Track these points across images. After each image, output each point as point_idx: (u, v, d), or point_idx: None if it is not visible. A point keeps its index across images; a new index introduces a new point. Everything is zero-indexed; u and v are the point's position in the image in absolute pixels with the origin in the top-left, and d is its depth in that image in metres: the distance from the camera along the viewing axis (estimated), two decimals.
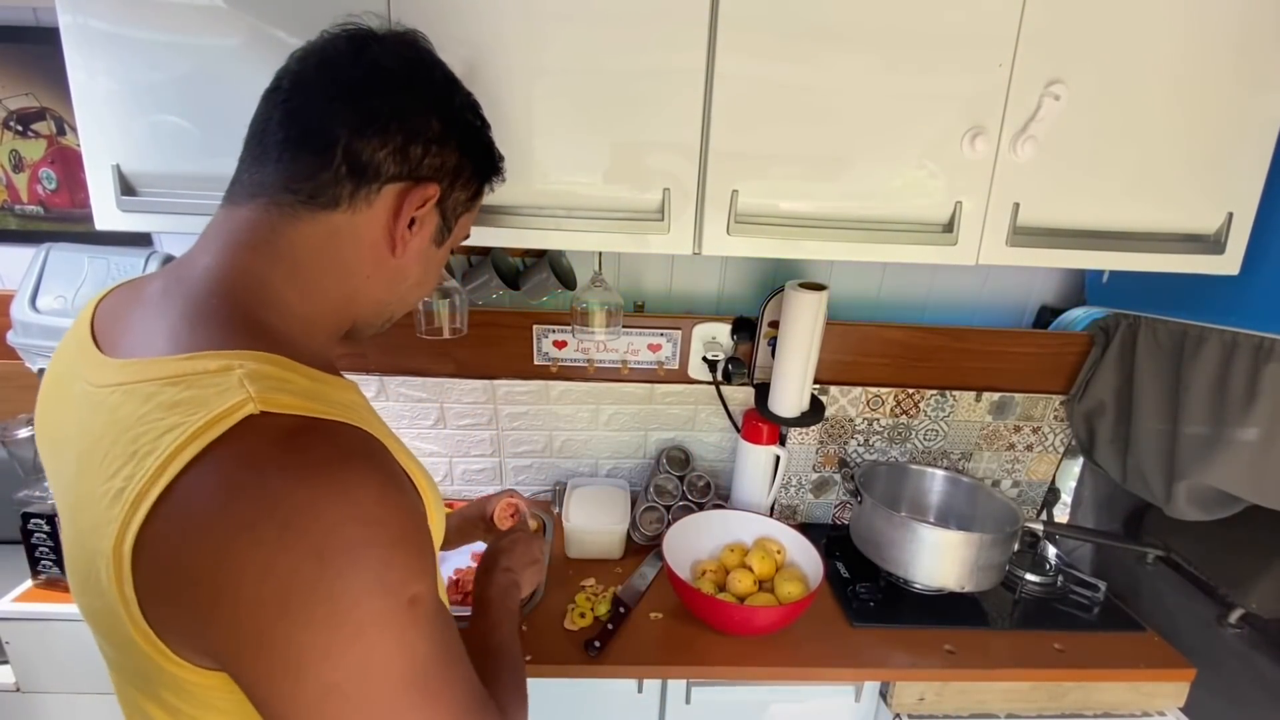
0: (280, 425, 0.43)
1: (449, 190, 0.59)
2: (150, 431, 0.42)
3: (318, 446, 0.44)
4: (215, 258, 0.52)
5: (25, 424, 1.11)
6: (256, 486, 0.41)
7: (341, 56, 0.54)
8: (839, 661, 1.07)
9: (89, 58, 0.83)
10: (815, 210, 0.92)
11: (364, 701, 0.43)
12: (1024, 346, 1.36)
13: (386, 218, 0.55)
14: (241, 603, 0.40)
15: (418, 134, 0.55)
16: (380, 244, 0.56)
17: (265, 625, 0.40)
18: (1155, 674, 1.11)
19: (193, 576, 0.41)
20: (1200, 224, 0.96)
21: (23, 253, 1.24)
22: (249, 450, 0.42)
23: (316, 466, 0.43)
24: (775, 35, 0.84)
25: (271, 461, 0.42)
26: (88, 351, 0.50)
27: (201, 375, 0.44)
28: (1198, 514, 1.16)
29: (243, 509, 0.40)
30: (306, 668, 0.41)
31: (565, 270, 1.28)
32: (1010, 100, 0.88)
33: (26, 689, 1.12)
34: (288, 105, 0.53)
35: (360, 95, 0.53)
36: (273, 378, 0.46)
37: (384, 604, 0.43)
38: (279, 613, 0.40)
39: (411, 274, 0.61)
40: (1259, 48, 0.88)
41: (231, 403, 0.42)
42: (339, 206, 0.53)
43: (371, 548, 0.43)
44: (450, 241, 0.63)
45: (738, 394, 1.41)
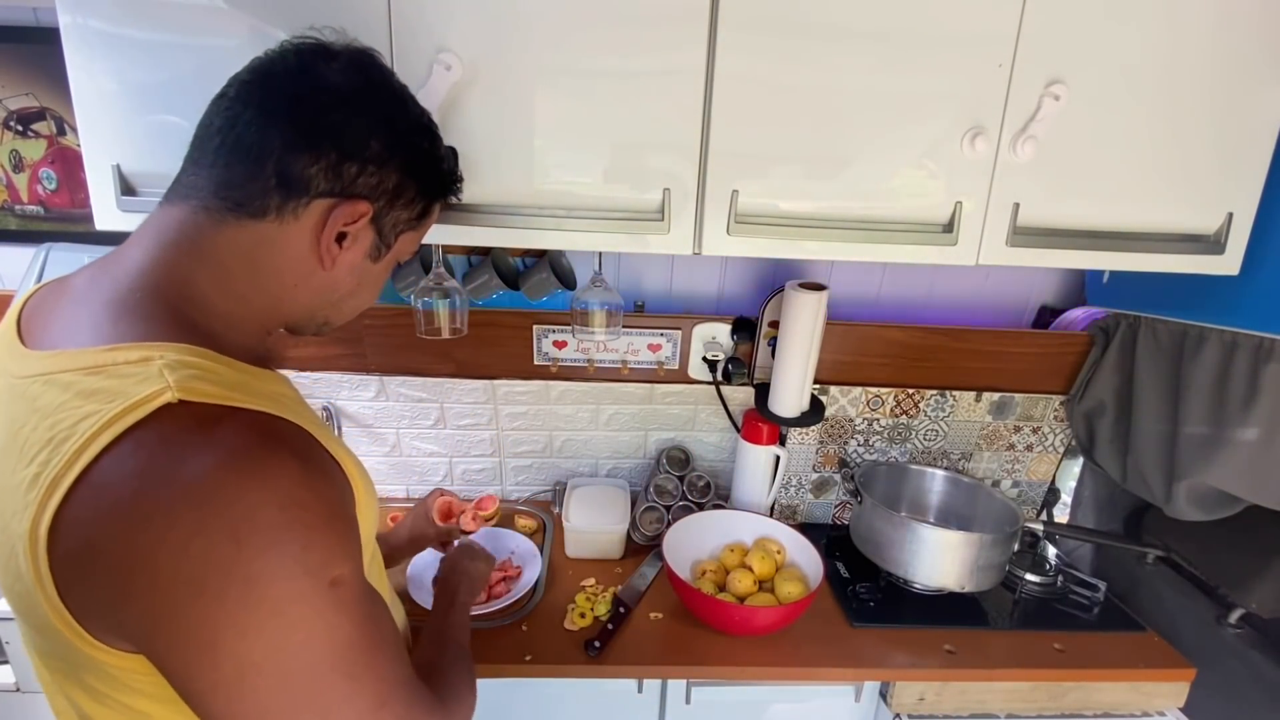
0: (198, 413, 0.44)
1: (386, 209, 0.58)
2: (68, 419, 0.43)
3: (237, 433, 0.44)
4: (144, 254, 0.52)
5: None
6: (172, 470, 0.42)
7: (288, 71, 0.55)
8: (839, 661, 1.07)
9: (89, 58, 0.83)
10: (815, 210, 0.92)
11: (284, 679, 0.44)
12: (1024, 346, 1.36)
13: (313, 231, 0.55)
14: (157, 584, 0.41)
15: (354, 153, 0.55)
16: (308, 256, 0.56)
17: (180, 605, 0.41)
18: (1155, 674, 1.11)
19: (108, 559, 0.41)
20: (1200, 224, 0.96)
21: (23, 253, 1.24)
22: (165, 435, 0.43)
23: (234, 451, 0.43)
24: (775, 35, 0.84)
25: (188, 446, 0.43)
26: (12, 346, 0.51)
27: (121, 365, 0.45)
28: (1198, 514, 1.16)
29: (158, 492, 0.41)
30: (222, 646, 0.42)
31: (565, 270, 1.28)
32: (1010, 100, 0.88)
33: (26, 689, 1.12)
34: (229, 113, 0.54)
35: (297, 111, 0.53)
36: (194, 367, 0.47)
37: (304, 584, 0.44)
38: (194, 592, 0.41)
39: (342, 286, 0.60)
40: (1259, 47, 0.88)
41: (149, 391, 0.43)
42: (266, 217, 0.53)
43: (290, 529, 0.43)
44: (390, 257, 0.63)
45: (738, 394, 1.41)
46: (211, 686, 0.43)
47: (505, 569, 1.20)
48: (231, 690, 0.43)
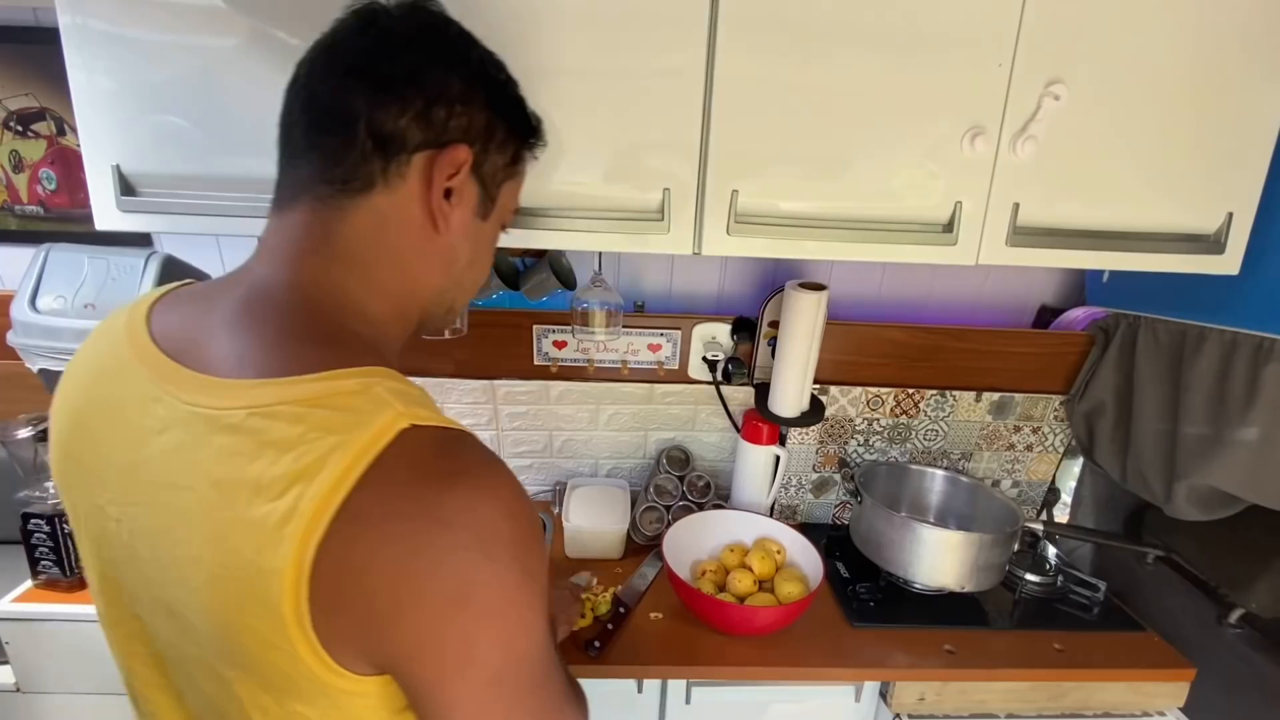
0: (428, 437, 0.45)
1: (483, 154, 0.56)
2: (312, 452, 0.42)
3: (464, 453, 0.46)
4: (289, 271, 0.51)
5: (25, 424, 1.11)
6: (423, 494, 0.43)
7: (349, 31, 0.53)
8: (839, 661, 1.07)
9: (89, 58, 0.83)
10: (815, 210, 0.92)
11: (516, 684, 0.46)
12: (1024, 346, 1.36)
13: (421, 191, 0.53)
14: (422, 604, 0.42)
15: (439, 95, 0.52)
16: (422, 222, 0.54)
17: (444, 622, 0.43)
18: (1155, 674, 1.11)
19: (372, 585, 0.42)
20: (1200, 224, 0.96)
21: (23, 253, 1.24)
22: (411, 461, 0.43)
23: (469, 472, 0.45)
24: (775, 35, 0.84)
25: (434, 470, 0.44)
26: (164, 367, 0.48)
27: (346, 395, 0.45)
28: (1198, 514, 1.16)
29: (414, 516, 0.42)
30: (479, 658, 0.44)
31: (565, 270, 1.28)
32: (1010, 100, 0.88)
33: (26, 689, 1.12)
34: (306, 92, 0.52)
35: (372, 64, 0.51)
36: (401, 393, 0.47)
37: (533, 591, 0.46)
38: (457, 608, 0.43)
39: (462, 253, 0.58)
40: (1259, 47, 0.88)
41: (385, 419, 0.44)
42: (375, 186, 0.51)
43: (520, 541, 0.45)
44: (497, 214, 0.60)
45: (738, 394, 1.41)
46: (461, 698, 0.44)
47: None
48: (478, 700, 0.45)
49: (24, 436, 1.11)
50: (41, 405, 1.18)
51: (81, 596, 1.09)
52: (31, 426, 1.11)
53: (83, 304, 1.09)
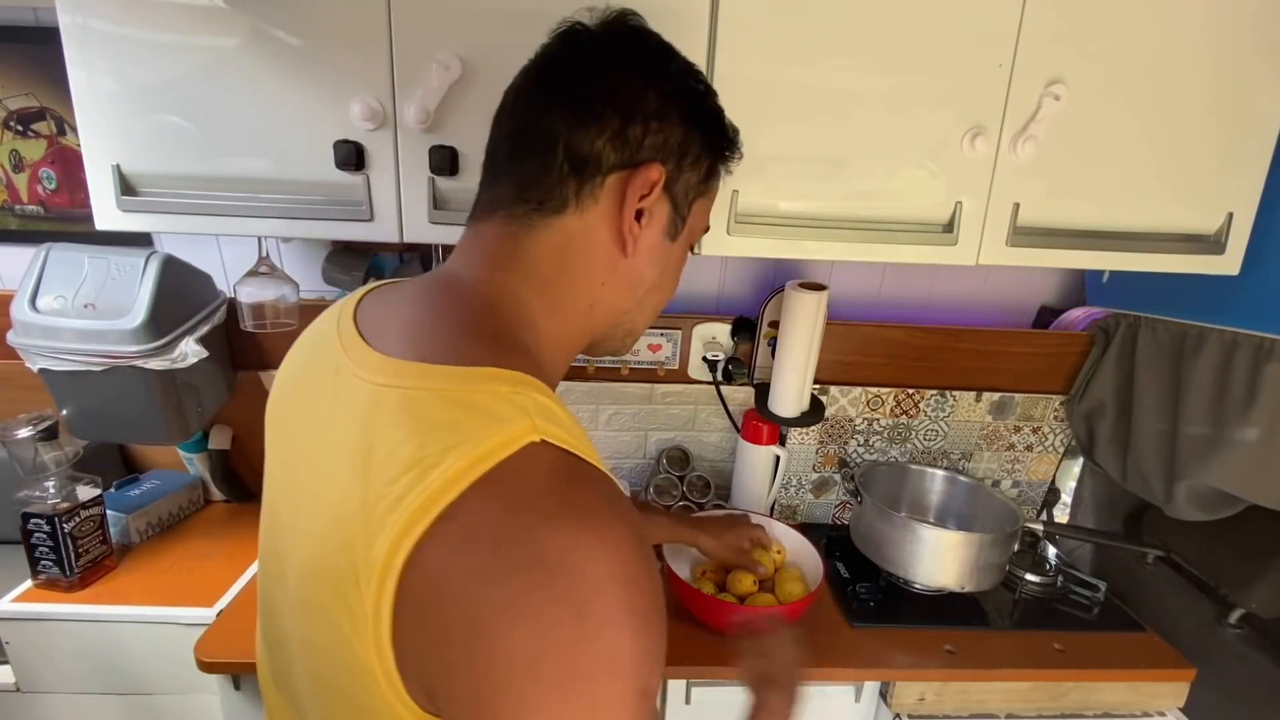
0: (554, 460, 0.42)
1: (676, 171, 0.54)
2: (435, 444, 0.40)
3: (587, 491, 0.42)
4: (476, 272, 0.52)
5: (25, 424, 1.11)
6: (533, 525, 0.39)
7: (554, 56, 0.54)
8: (839, 661, 1.07)
9: (89, 58, 0.83)
10: (815, 210, 0.92)
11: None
12: (1024, 346, 1.36)
13: (613, 212, 0.52)
14: (496, 651, 0.37)
15: (634, 112, 0.51)
16: (611, 244, 0.53)
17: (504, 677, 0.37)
18: (1155, 674, 1.11)
19: (452, 605, 0.38)
20: (1200, 224, 0.96)
21: (23, 253, 1.24)
22: (529, 482, 0.40)
23: (587, 515, 0.40)
24: (775, 36, 0.84)
25: (550, 500, 0.40)
26: (353, 343, 0.49)
27: (489, 395, 0.43)
28: (1198, 514, 1.16)
29: (515, 545, 0.38)
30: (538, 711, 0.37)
31: None
32: (1010, 100, 0.88)
33: (26, 689, 1.12)
34: (512, 118, 0.53)
35: (572, 87, 0.51)
36: (544, 407, 0.44)
37: (621, 686, 0.39)
38: (526, 670, 0.37)
39: (647, 275, 0.56)
40: (1259, 47, 0.88)
41: (518, 429, 0.41)
42: (568, 208, 0.51)
43: (629, 617, 0.39)
44: (686, 234, 0.57)
45: (738, 394, 1.41)
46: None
47: None
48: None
49: (24, 436, 1.11)
50: (41, 405, 1.18)
51: (81, 596, 1.09)
52: (31, 426, 1.11)
53: (83, 304, 1.09)
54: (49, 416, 1.14)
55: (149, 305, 1.07)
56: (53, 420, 1.13)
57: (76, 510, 1.08)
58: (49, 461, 1.12)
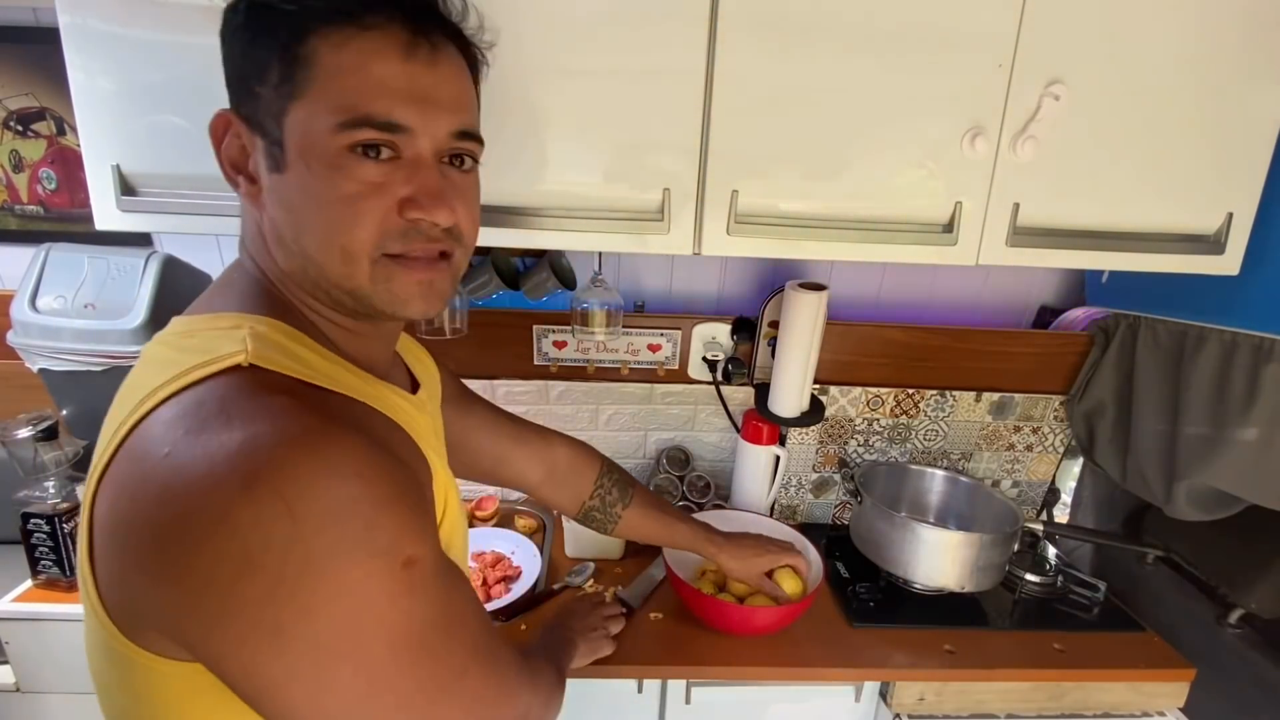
0: (266, 380, 0.42)
1: (242, 96, 0.48)
2: (151, 377, 0.43)
3: (299, 405, 0.41)
4: (240, 250, 0.55)
5: (25, 424, 1.11)
6: (222, 433, 0.38)
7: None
8: (839, 661, 1.07)
9: (89, 58, 0.83)
10: (815, 210, 0.92)
11: (361, 662, 0.40)
12: (1024, 346, 1.36)
13: (219, 164, 0.52)
14: (201, 562, 0.36)
15: (229, 80, 0.52)
16: (245, 198, 0.51)
17: (231, 588, 0.37)
18: (1155, 674, 1.11)
19: (141, 522, 0.38)
20: (1200, 224, 0.96)
21: (23, 253, 1.24)
22: (223, 395, 0.40)
23: (295, 420, 0.40)
24: (775, 35, 0.84)
25: (246, 411, 0.39)
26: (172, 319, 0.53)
27: (212, 330, 0.46)
28: (1198, 514, 1.16)
29: (204, 456, 0.37)
30: (287, 630, 0.38)
31: (565, 270, 1.28)
32: (1010, 100, 0.88)
33: (26, 689, 1.12)
34: None
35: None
36: (278, 343, 0.46)
37: (372, 565, 0.40)
38: (247, 574, 0.36)
39: (284, 223, 0.49)
40: (1259, 47, 0.88)
41: (220, 355, 0.43)
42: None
43: (356, 504, 0.39)
44: (295, 152, 0.47)
45: (738, 394, 1.41)
46: (283, 678, 0.39)
47: (505, 569, 1.20)
48: (308, 678, 0.39)
49: (24, 436, 1.11)
50: (41, 405, 1.18)
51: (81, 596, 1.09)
52: (31, 426, 1.11)
53: (83, 304, 1.09)
54: (49, 416, 1.14)
55: (149, 305, 1.07)
56: (53, 420, 1.13)
57: (76, 510, 1.08)
58: (49, 461, 1.12)
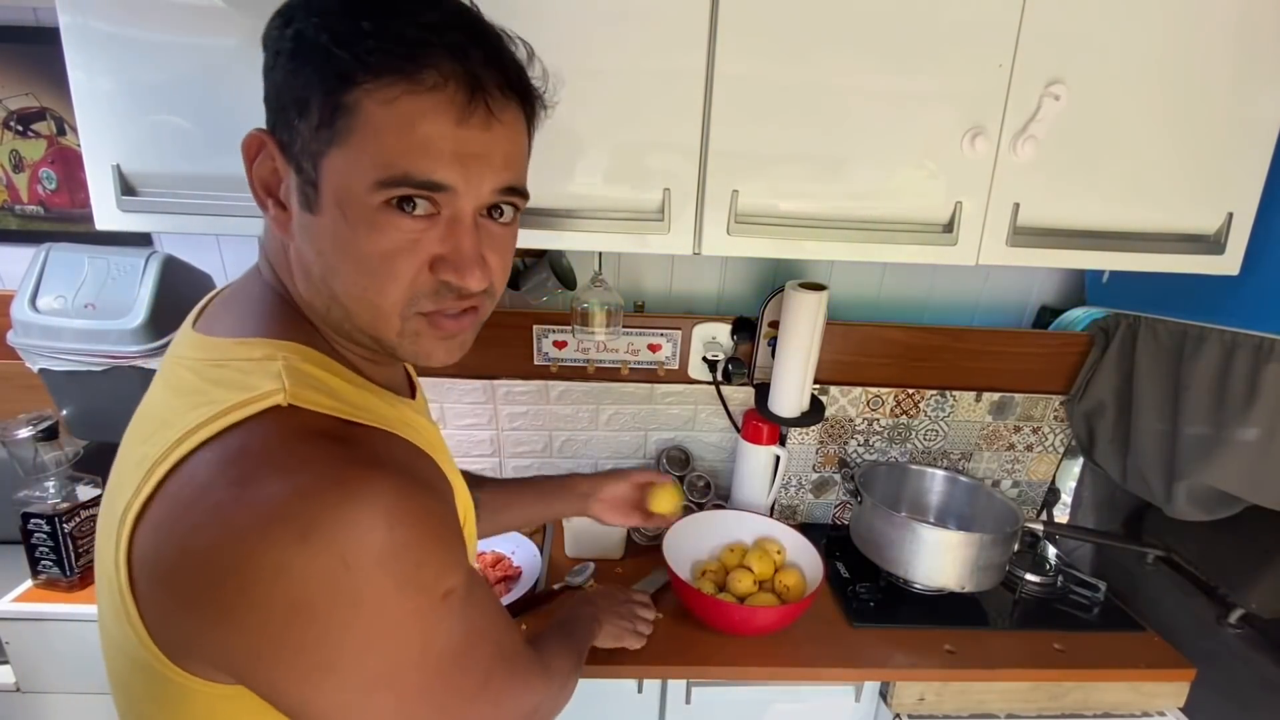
0: (307, 423, 0.43)
1: (284, 128, 0.45)
2: (184, 404, 0.43)
3: (343, 449, 0.43)
4: (262, 260, 0.54)
5: (25, 424, 1.11)
6: (272, 482, 0.39)
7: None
8: (839, 661, 1.07)
9: (89, 58, 0.83)
10: (815, 210, 0.92)
11: (402, 685, 0.44)
12: (1024, 346, 1.36)
13: (250, 185, 0.49)
14: (255, 604, 0.38)
15: (267, 97, 0.47)
16: (274, 223, 0.49)
17: (284, 631, 0.39)
18: (1155, 674, 1.11)
19: (192, 566, 0.39)
20: (1200, 224, 0.96)
21: (23, 253, 1.24)
22: (269, 441, 0.41)
23: (341, 468, 0.41)
24: (775, 35, 0.84)
25: (294, 458, 0.40)
26: (184, 329, 0.52)
27: (245, 361, 0.45)
28: (1198, 514, 1.16)
29: (255, 505, 0.38)
30: (340, 667, 0.41)
31: (565, 270, 1.28)
32: (1010, 100, 0.88)
33: (26, 689, 1.12)
34: None
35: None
36: (310, 376, 0.46)
37: (419, 601, 0.43)
38: (303, 620, 0.39)
39: (310, 260, 0.47)
40: (1259, 48, 0.88)
41: (263, 389, 0.43)
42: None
43: (405, 550, 0.42)
44: (332, 200, 0.45)
45: (738, 394, 1.41)
46: (336, 707, 0.42)
47: (505, 569, 1.20)
48: (356, 706, 0.42)
49: (24, 436, 1.11)
50: (41, 405, 1.18)
51: (81, 596, 1.10)
52: (31, 426, 1.11)
53: (83, 304, 1.09)
54: (49, 416, 1.14)
55: (149, 305, 1.07)
56: (53, 420, 1.13)
57: (76, 510, 1.08)
58: (49, 461, 1.12)
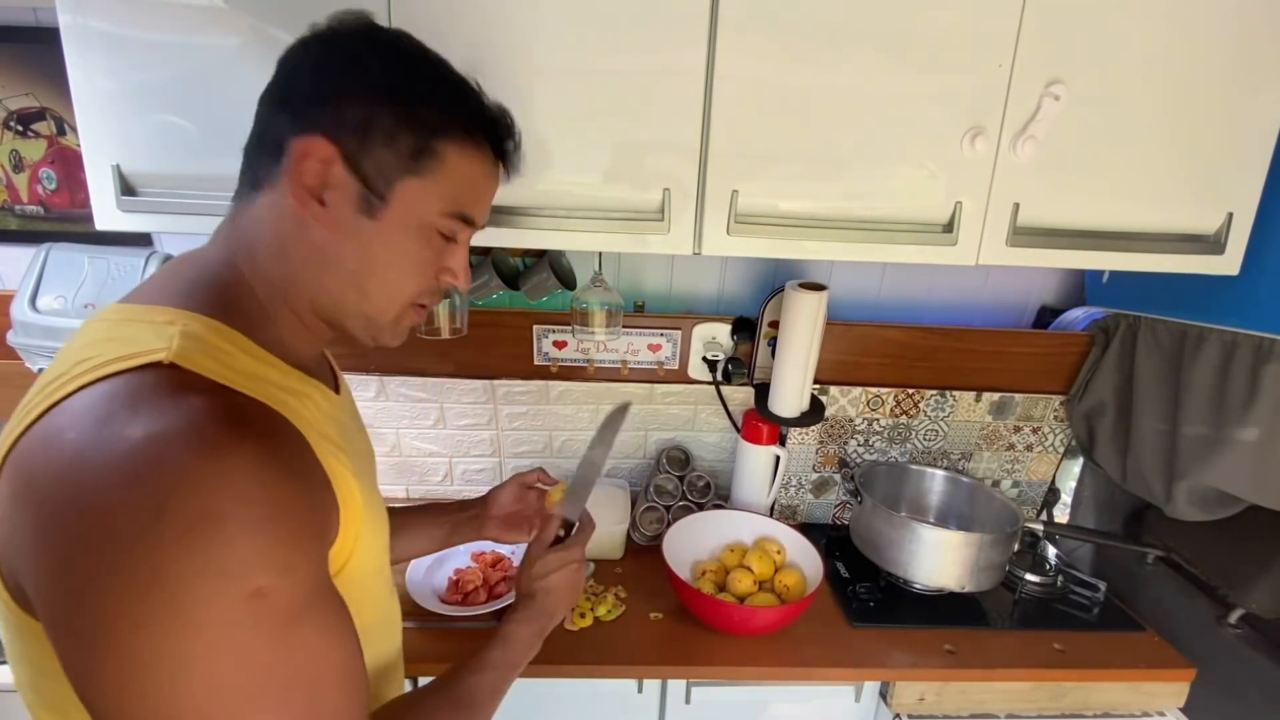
0: (182, 380, 0.43)
1: (361, 147, 0.52)
2: (73, 358, 0.44)
3: (208, 408, 0.42)
4: (209, 241, 0.57)
5: None
6: (123, 426, 0.39)
7: (287, 53, 0.56)
8: (839, 661, 1.07)
9: (89, 58, 0.83)
10: (815, 210, 0.92)
11: (177, 690, 0.38)
12: (1024, 346, 1.36)
13: (289, 181, 0.52)
14: (65, 538, 0.38)
15: (316, 95, 0.52)
16: (297, 211, 0.52)
17: (81, 571, 0.37)
18: (1155, 674, 1.11)
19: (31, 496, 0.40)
20: (1200, 224, 0.96)
21: (23, 253, 1.24)
22: (134, 390, 0.41)
23: (192, 424, 0.40)
24: (775, 35, 0.84)
25: (151, 407, 0.40)
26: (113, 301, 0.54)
27: (145, 323, 0.47)
28: (1198, 514, 1.16)
29: (100, 444, 0.38)
30: (117, 631, 0.37)
31: (565, 270, 1.28)
32: (1010, 100, 0.88)
33: None
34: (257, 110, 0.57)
35: (279, 81, 0.55)
36: (206, 343, 0.47)
37: (216, 586, 0.38)
38: (98, 562, 0.37)
39: (347, 255, 0.54)
40: (1259, 48, 0.88)
41: (145, 350, 0.44)
42: (263, 185, 0.54)
43: (221, 521, 0.38)
44: (397, 214, 0.54)
45: (738, 394, 1.41)
46: (100, 677, 0.38)
47: (505, 569, 1.20)
48: (119, 685, 0.38)
49: None
50: None
51: None
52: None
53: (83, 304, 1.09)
54: None
55: None
56: None
57: None
58: None
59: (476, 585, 1.16)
